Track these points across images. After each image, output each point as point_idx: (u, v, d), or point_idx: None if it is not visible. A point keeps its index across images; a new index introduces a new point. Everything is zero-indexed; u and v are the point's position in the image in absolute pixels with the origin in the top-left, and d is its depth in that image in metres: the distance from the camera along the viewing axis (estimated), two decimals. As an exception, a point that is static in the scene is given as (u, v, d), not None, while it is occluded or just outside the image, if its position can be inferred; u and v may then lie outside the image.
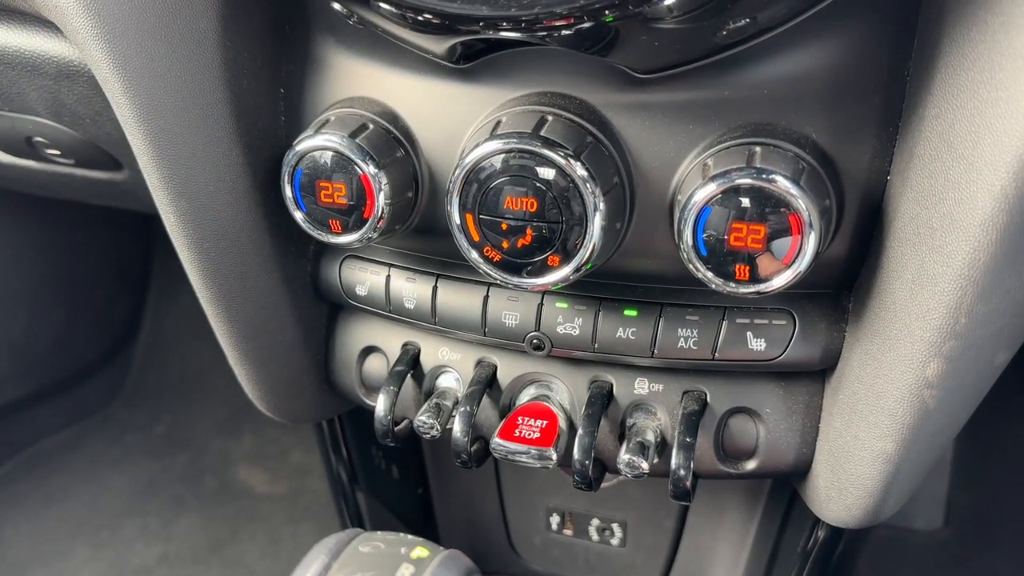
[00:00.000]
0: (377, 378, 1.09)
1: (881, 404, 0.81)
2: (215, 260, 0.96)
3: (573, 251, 0.78)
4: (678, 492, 0.88)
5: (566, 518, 1.47)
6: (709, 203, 0.73)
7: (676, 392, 0.94)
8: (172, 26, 0.83)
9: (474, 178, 0.78)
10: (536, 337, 0.94)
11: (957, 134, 0.68)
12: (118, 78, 0.85)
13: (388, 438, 1.00)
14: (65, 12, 0.84)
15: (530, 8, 0.65)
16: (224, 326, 1.03)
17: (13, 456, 2.27)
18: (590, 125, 0.79)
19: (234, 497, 2.21)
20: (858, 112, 0.77)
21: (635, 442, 0.92)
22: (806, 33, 0.74)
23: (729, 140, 0.76)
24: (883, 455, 0.83)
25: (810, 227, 0.72)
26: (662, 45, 0.74)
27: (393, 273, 1.00)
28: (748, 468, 0.95)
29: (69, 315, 2.33)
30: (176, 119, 0.87)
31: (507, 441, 0.92)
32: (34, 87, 1.08)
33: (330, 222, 0.87)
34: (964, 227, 0.68)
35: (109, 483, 2.24)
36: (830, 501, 0.93)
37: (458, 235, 0.81)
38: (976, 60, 0.66)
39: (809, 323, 0.87)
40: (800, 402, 0.93)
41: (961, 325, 0.72)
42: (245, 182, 0.93)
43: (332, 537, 0.84)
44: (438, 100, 0.86)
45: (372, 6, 0.71)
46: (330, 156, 0.84)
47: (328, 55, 0.90)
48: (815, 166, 0.75)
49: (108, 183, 1.32)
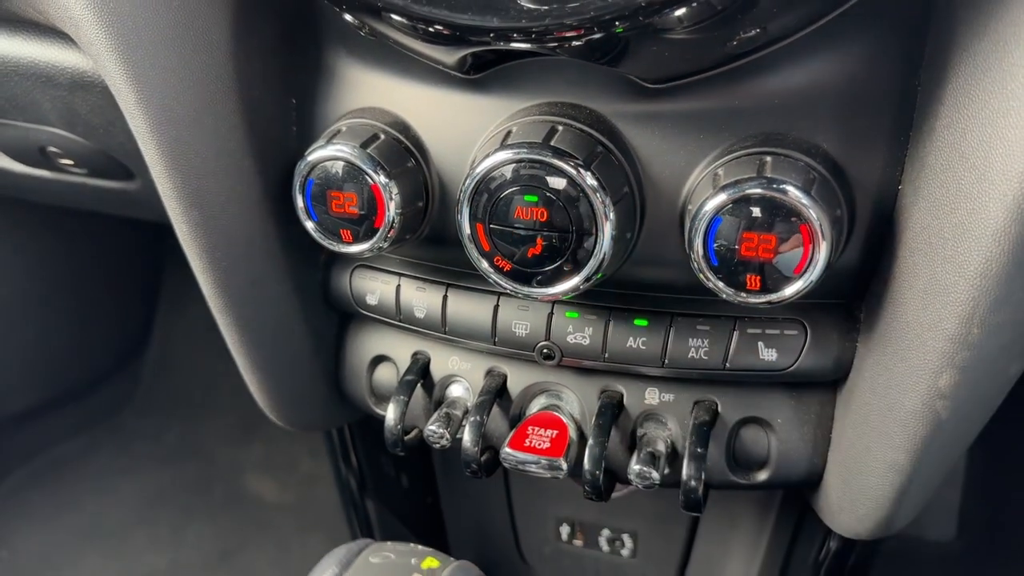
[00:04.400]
0: (387, 387, 1.09)
1: (893, 415, 0.80)
2: (227, 269, 0.96)
3: (583, 261, 0.78)
4: (689, 503, 0.88)
5: (576, 528, 1.46)
6: (720, 213, 0.73)
7: (687, 402, 0.94)
8: (185, 37, 0.84)
9: (484, 188, 0.78)
10: (546, 347, 0.94)
11: (969, 144, 0.68)
12: (131, 89, 0.85)
13: (398, 447, 1.00)
14: (79, 24, 0.84)
15: (540, 20, 0.66)
16: (235, 335, 1.03)
17: (23, 464, 2.28)
18: (600, 135, 0.79)
19: (243, 506, 2.21)
20: (869, 122, 0.76)
21: (646, 452, 0.91)
22: (816, 43, 0.74)
23: (740, 150, 0.76)
24: (895, 466, 0.83)
25: (821, 237, 0.72)
26: (672, 55, 0.74)
27: (403, 282, 1.00)
28: (760, 479, 0.95)
29: (80, 324, 2.34)
30: (189, 129, 0.87)
31: (517, 451, 0.91)
32: (48, 98, 1.09)
33: (341, 232, 0.87)
34: (976, 237, 0.68)
35: (119, 491, 2.24)
36: (842, 512, 0.92)
37: (468, 245, 0.81)
38: (987, 70, 0.66)
39: (821, 333, 0.87)
40: (812, 413, 0.92)
41: (974, 336, 0.72)
42: (257, 192, 0.93)
43: (342, 547, 0.84)
44: (449, 110, 0.86)
45: (384, 18, 0.72)
46: (341, 166, 0.84)
47: (339, 66, 0.91)
48: (826, 176, 0.75)
49: (120, 192, 1.32)
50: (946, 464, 0.86)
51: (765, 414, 0.93)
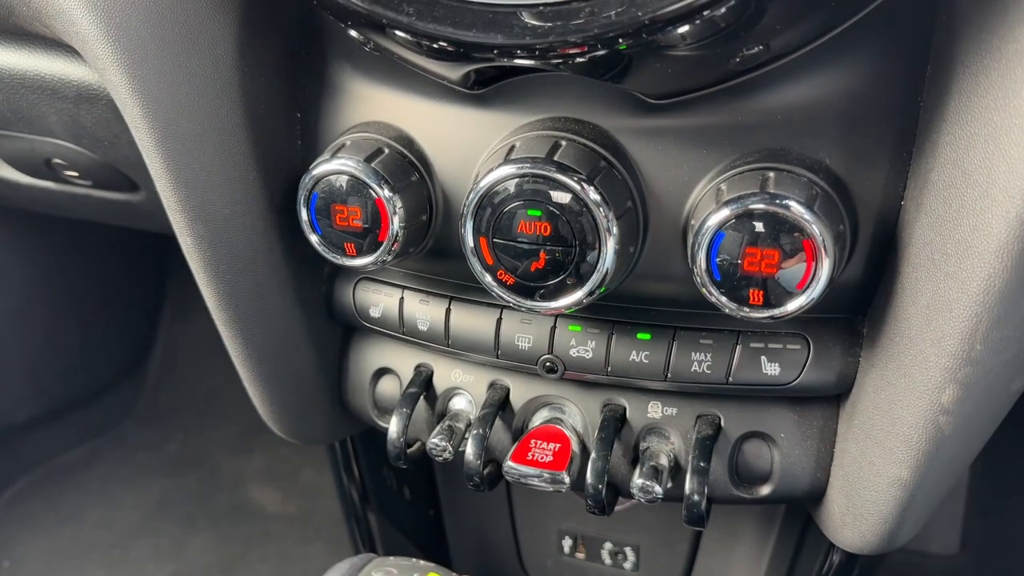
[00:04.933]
0: (390, 400, 1.09)
1: (896, 430, 0.80)
2: (230, 282, 0.96)
3: (586, 275, 0.78)
4: (692, 517, 0.88)
5: (578, 541, 1.46)
6: (723, 228, 0.73)
7: (690, 416, 0.94)
8: (191, 51, 0.85)
9: (488, 202, 0.78)
10: (549, 360, 0.94)
11: (971, 160, 0.68)
12: (137, 102, 0.86)
13: (400, 460, 1.00)
14: (85, 38, 0.85)
15: (544, 37, 0.66)
16: (238, 347, 1.03)
17: (26, 474, 2.28)
18: (603, 150, 0.79)
19: (246, 516, 2.21)
20: (872, 138, 0.77)
21: (649, 466, 0.91)
22: (819, 59, 0.74)
23: (743, 165, 0.77)
24: (898, 481, 0.83)
25: (824, 252, 0.72)
26: (675, 72, 0.74)
27: (407, 295, 1.00)
28: (762, 493, 0.95)
29: (84, 334, 2.34)
30: (194, 143, 0.88)
31: (520, 464, 0.91)
32: (54, 110, 1.09)
33: (345, 245, 0.88)
34: (979, 253, 0.68)
35: (121, 501, 2.24)
36: (845, 527, 0.92)
37: (472, 258, 0.81)
38: (990, 87, 0.66)
39: (823, 348, 0.87)
40: (815, 427, 0.92)
41: (976, 351, 0.72)
42: (261, 205, 0.93)
43: (345, 562, 0.84)
44: (453, 125, 0.86)
45: (389, 33, 0.72)
46: (346, 180, 0.85)
47: (344, 81, 0.91)
48: (829, 191, 0.75)
49: (125, 204, 1.33)
50: (949, 479, 0.86)
51: (768, 428, 0.92)
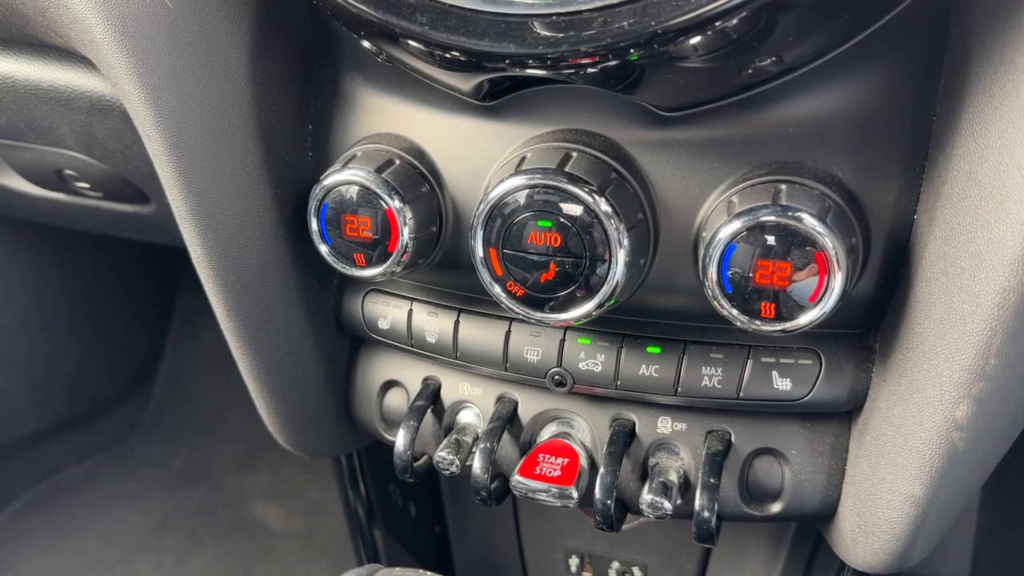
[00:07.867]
0: (397, 413, 1.09)
1: (909, 446, 0.79)
2: (240, 292, 0.96)
3: (596, 287, 0.78)
4: (702, 534, 0.87)
5: (585, 560, 1.44)
6: (734, 240, 0.73)
7: (700, 431, 0.93)
8: (204, 62, 0.85)
9: (498, 213, 0.78)
10: (558, 373, 0.93)
11: (985, 173, 0.67)
12: (149, 111, 0.86)
13: (407, 474, 1.00)
14: (99, 46, 0.85)
15: (557, 47, 0.66)
16: (246, 358, 1.03)
17: (30, 488, 2.27)
18: (614, 162, 0.79)
19: (249, 533, 2.19)
20: (884, 150, 0.76)
21: (658, 482, 0.90)
22: (832, 72, 0.74)
23: (754, 178, 0.76)
24: (911, 498, 0.82)
25: (837, 265, 0.71)
26: (687, 83, 0.74)
27: (415, 307, 1.00)
28: (773, 510, 0.94)
29: (90, 348, 2.34)
30: (205, 152, 0.88)
31: (527, 479, 0.91)
32: (66, 121, 1.10)
33: (355, 256, 0.88)
34: (993, 267, 0.67)
35: (125, 517, 2.23)
36: (856, 545, 0.91)
37: (481, 269, 0.81)
38: (1004, 100, 0.66)
39: (835, 363, 0.86)
40: (826, 443, 0.91)
41: (991, 366, 0.71)
42: (272, 215, 0.93)
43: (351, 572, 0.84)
44: (464, 136, 0.86)
45: (401, 44, 0.73)
46: (356, 191, 0.85)
47: (356, 92, 0.92)
48: (841, 204, 0.75)
49: (135, 216, 1.34)
50: (963, 496, 0.85)
51: (779, 445, 0.92)
